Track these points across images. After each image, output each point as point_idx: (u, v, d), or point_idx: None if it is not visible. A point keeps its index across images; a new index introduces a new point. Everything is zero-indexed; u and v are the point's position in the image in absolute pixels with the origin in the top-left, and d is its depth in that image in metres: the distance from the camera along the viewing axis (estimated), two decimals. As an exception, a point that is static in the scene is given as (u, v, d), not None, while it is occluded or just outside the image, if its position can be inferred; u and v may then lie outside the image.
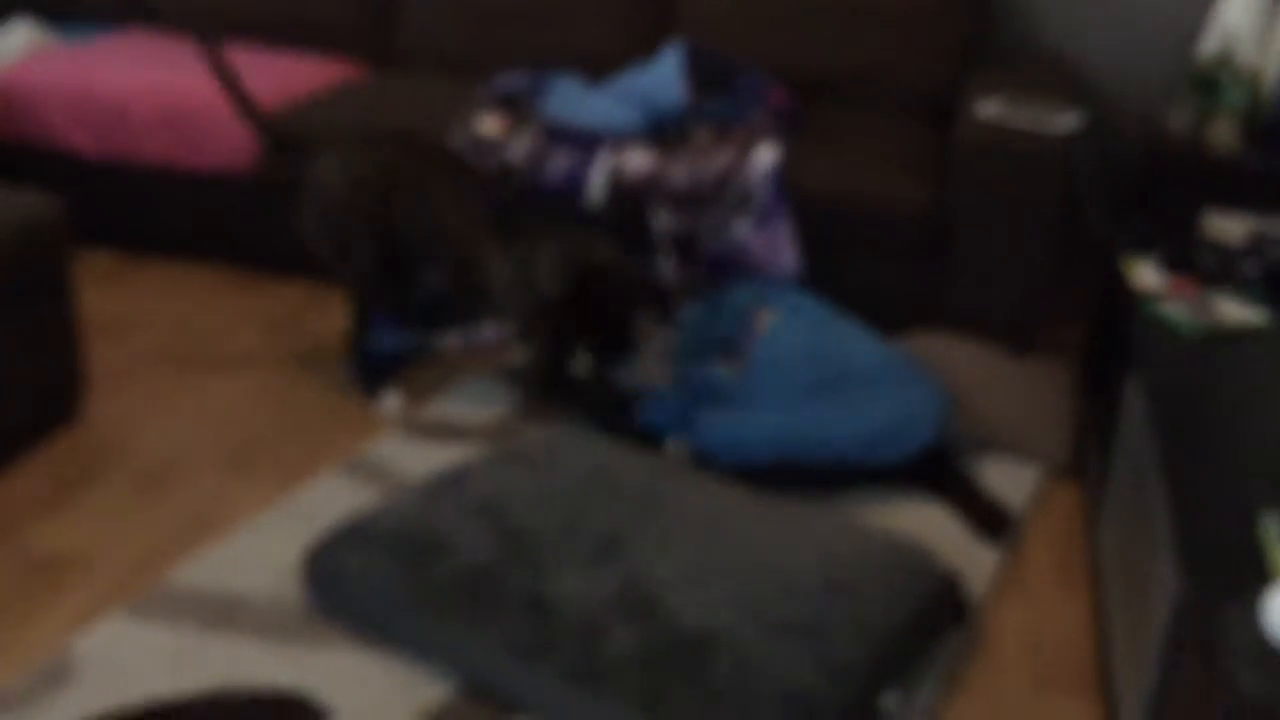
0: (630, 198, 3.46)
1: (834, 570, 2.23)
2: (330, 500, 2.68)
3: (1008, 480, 2.89)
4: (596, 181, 3.47)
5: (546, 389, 3.03)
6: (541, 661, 2.06)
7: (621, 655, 2.03)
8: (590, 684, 2.01)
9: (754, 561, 2.28)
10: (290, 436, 2.99)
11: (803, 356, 2.89)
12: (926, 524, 2.71)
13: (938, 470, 2.86)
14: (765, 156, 3.44)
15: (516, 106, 3.75)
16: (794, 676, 1.98)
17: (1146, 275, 2.85)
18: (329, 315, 3.60)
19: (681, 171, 3.46)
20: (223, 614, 2.32)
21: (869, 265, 3.43)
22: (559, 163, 3.50)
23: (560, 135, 3.56)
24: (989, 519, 2.73)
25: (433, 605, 2.19)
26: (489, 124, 3.61)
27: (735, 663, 2.00)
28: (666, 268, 3.45)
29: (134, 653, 2.22)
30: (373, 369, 3.15)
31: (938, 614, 2.28)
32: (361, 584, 2.28)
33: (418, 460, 2.86)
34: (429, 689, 2.16)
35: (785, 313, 3.00)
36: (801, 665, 2.01)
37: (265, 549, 2.52)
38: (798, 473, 2.75)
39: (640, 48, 3.97)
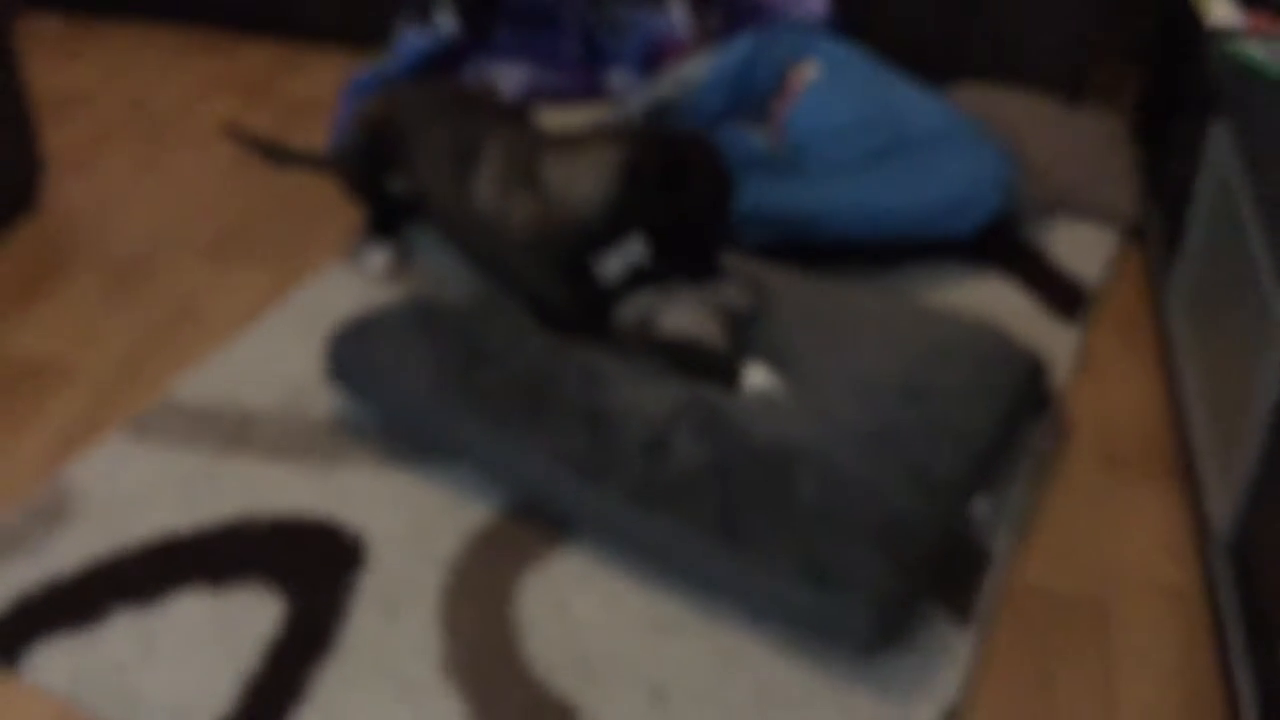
0: (634, -64, 3.11)
1: (914, 369, 2.01)
2: (338, 296, 2.42)
3: (1079, 247, 2.66)
4: (595, -81, 3.11)
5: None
6: (602, 476, 1.84)
7: (691, 472, 1.82)
8: (657, 502, 1.80)
9: (825, 366, 2.06)
10: (277, 219, 2.71)
11: (851, 120, 2.58)
12: (996, 303, 2.48)
13: (1005, 241, 2.62)
14: (784, -118, 3.09)
15: None
16: (885, 495, 1.78)
17: (1220, 10, 2.57)
18: (306, 75, 3.27)
19: (690, -97, 3.10)
20: (234, 432, 2.09)
21: (906, 5, 3.12)
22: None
23: None
24: (1064, 294, 2.51)
25: (481, 409, 1.95)
26: None
27: (820, 482, 1.79)
28: (678, 15, 3.11)
29: (138, 480, 1.99)
30: (383, 217, 2.57)
31: (1024, 407, 2.08)
32: (399, 379, 2.03)
33: (436, 249, 2.59)
34: (470, 510, 1.95)
35: (826, 67, 2.68)
36: (892, 481, 1.80)
37: (272, 354, 2.27)
38: (848, 250, 2.50)
39: None
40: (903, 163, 2.52)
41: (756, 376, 2.02)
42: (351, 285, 2.47)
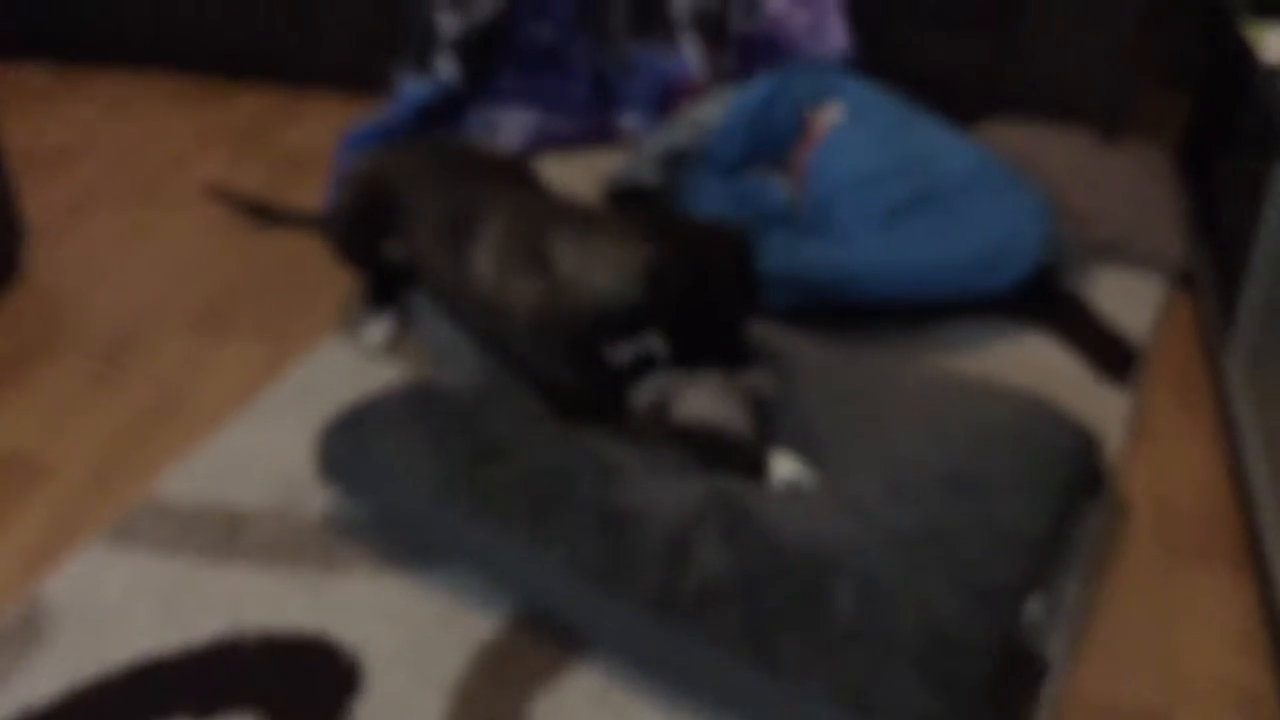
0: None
1: (956, 455, 1.85)
2: (334, 374, 2.27)
3: (1125, 299, 2.48)
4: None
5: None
6: (619, 585, 1.68)
7: (716, 580, 1.66)
8: (679, 614, 1.64)
9: (858, 452, 1.89)
10: (270, 286, 2.56)
11: (877, 166, 2.40)
12: (1039, 364, 2.31)
13: (1046, 295, 2.43)
14: (800, -89, 2.92)
15: None
16: (930, 605, 1.62)
17: (1276, 45, 2.39)
18: (303, 125, 3.12)
19: (701, -66, 2.94)
20: (222, 536, 1.93)
21: (930, 40, 2.95)
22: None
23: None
24: (1112, 352, 2.33)
25: (486, 510, 1.79)
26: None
27: (857, 593, 1.63)
28: (690, 53, 2.95)
29: (118, 593, 1.84)
30: (381, 285, 2.43)
31: (1077, 490, 1.91)
32: (397, 478, 1.86)
33: (438, 319, 2.42)
34: (475, 620, 1.79)
35: (850, 109, 2.51)
36: (936, 589, 1.64)
37: (264, 444, 2.12)
38: (879, 310, 2.33)
39: None
40: (934, 215, 2.35)
41: (784, 467, 1.86)
42: (349, 361, 2.31)
